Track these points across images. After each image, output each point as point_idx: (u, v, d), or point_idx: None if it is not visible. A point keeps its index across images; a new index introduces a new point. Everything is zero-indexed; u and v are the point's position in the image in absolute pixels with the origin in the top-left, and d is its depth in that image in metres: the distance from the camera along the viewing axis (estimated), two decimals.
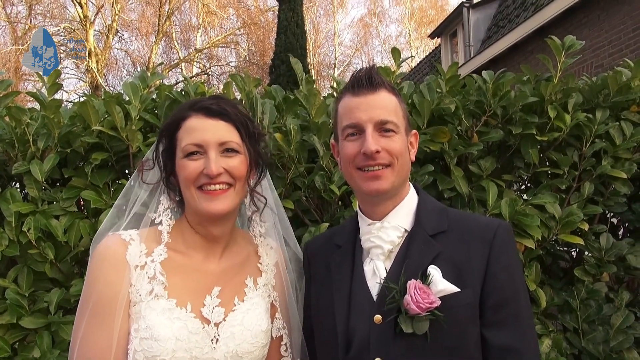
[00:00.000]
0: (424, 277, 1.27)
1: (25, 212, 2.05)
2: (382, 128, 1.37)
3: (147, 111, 2.27)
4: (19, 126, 2.12)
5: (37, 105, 2.25)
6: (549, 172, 2.42)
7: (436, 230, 1.38)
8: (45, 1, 23.63)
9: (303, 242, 2.18)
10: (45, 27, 23.52)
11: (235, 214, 1.55)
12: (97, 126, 2.15)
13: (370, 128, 1.36)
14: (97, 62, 22.66)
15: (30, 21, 24.05)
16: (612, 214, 2.53)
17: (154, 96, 2.37)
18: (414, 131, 1.51)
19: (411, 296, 1.21)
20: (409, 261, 1.33)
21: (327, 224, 2.19)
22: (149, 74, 2.35)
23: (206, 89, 2.36)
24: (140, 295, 1.34)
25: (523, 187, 2.62)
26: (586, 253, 2.36)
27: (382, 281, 1.32)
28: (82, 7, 23.05)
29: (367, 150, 1.33)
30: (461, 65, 11.08)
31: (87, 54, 22.70)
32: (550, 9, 9.08)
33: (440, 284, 1.25)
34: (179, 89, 2.42)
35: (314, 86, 2.37)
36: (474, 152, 2.33)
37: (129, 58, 27.15)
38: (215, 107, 1.43)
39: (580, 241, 2.20)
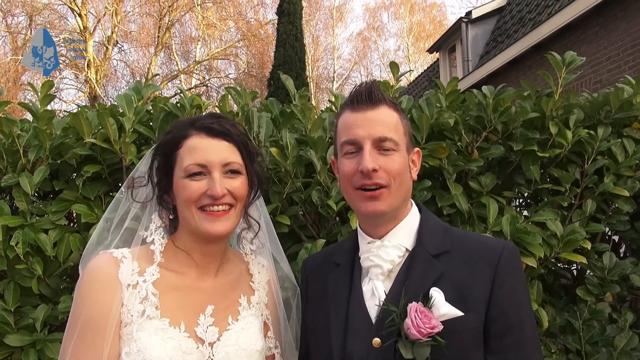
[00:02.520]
0: (426, 300, 1.21)
1: (14, 225, 1.99)
2: (381, 146, 1.31)
3: (141, 123, 2.23)
4: (9, 137, 2.07)
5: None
6: (550, 189, 2.37)
7: (439, 250, 1.32)
8: (45, 12, 23.72)
9: (300, 259, 2.13)
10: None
11: (231, 233, 1.51)
12: (89, 138, 2.11)
13: (369, 145, 1.31)
14: (96, 72, 22.70)
15: (31, 32, 24.10)
16: (613, 232, 2.48)
17: (149, 108, 2.34)
18: (417, 149, 1.45)
19: (412, 320, 1.16)
20: (410, 282, 1.27)
21: (324, 240, 2.14)
22: (143, 85, 2.31)
23: (202, 101, 2.32)
24: (132, 315, 1.29)
25: (523, 204, 2.58)
26: (588, 272, 2.30)
27: (382, 303, 1.26)
28: (81, 18, 23.15)
29: (364, 168, 1.28)
30: (460, 80, 11.10)
31: (86, 65, 22.75)
32: (548, 25, 9.13)
33: (443, 308, 1.19)
34: (176, 101, 2.38)
35: (309, 100, 2.34)
36: (474, 168, 2.29)
37: (128, 69, 27.22)
38: (218, 127, 1.40)
39: (584, 260, 2.14)
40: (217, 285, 1.45)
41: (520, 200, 2.58)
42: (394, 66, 2.45)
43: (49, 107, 2.22)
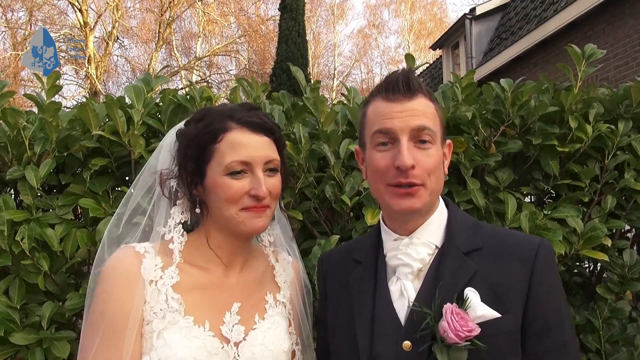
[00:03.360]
0: (460, 301, 1.14)
1: (19, 220, 1.93)
2: (419, 138, 1.22)
3: (150, 116, 2.17)
4: (14, 129, 2.01)
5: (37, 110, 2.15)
6: (569, 184, 2.31)
7: (470, 247, 1.25)
8: (45, 7, 23.61)
9: (313, 255, 2.07)
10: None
11: None
12: (97, 130, 2.05)
13: (406, 138, 1.21)
14: (96, 68, 22.60)
15: (31, 27, 24.00)
16: (631, 228, 2.43)
17: (158, 100, 2.27)
18: (449, 141, 1.36)
19: (449, 323, 1.09)
20: (443, 282, 1.20)
21: (338, 237, 2.08)
22: (153, 77, 2.24)
23: (212, 93, 2.26)
24: (154, 313, 1.23)
25: (541, 200, 2.51)
26: (607, 269, 2.25)
27: (412, 304, 1.20)
28: (82, 14, 23.03)
29: (402, 165, 1.18)
30: (462, 78, 11.04)
31: (86, 61, 22.64)
32: (553, 22, 9.07)
33: (480, 309, 1.12)
34: (185, 93, 2.32)
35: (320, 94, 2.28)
36: (491, 163, 2.23)
37: (128, 65, 27.13)
38: (259, 121, 1.33)
39: (605, 257, 2.09)
40: (243, 281, 1.39)
41: (538, 197, 2.52)
42: (409, 58, 2.38)
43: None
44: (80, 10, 22.91)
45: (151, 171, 1.39)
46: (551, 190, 2.38)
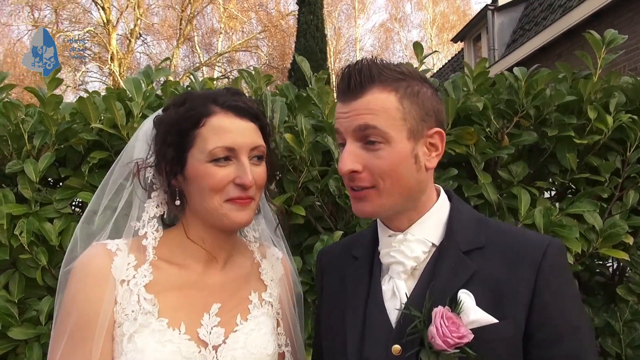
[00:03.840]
0: (454, 304, 1.05)
1: (18, 214, 1.91)
2: (367, 138, 1.11)
3: (150, 108, 2.12)
4: (13, 122, 1.99)
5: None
6: (588, 178, 2.19)
7: (471, 245, 1.14)
8: (70, 6, 24.02)
9: (315, 252, 2.00)
10: (69, 32, 24.08)
11: None
12: (96, 123, 2.01)
13: (350, 140, 1.12)
14: (119, 65, 22.91)
15: (57, 26, 24.49)
16: None
17: (159, 92, 2.23)
18: (435, 129, 1.18)
19: (437, 328, 1.00)
20: (436, 282, 1.11)
21: (342, 232, 2.01)
22: (153, 69, 2.20)
23: (213, 85, 2.20)
24: (126, 315, 1.15)
25: (558, 194, 2.39)
26: (629, 269, 2.12)
27: (402, 305, 1.11)
28: (105, 11, 23.36)
29: (340, 171, 1.11)
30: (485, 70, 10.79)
31: (109, 58, 22.98)
32: (579, 11, 8.76)
33: (473, 314, 1.03)
34: (186, 85, 2.27)
35: (327, 84, 2.20)
36: (504, 156, 2.12)
37: (151, 61, 27.42)
38: (245, 106, 1.24)
39: (626, 256, 1.96)
40: (225, 280, 1.29)
41: (554, 191, 2.39)
42: (417, 47, 2.29)
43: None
44: (103, 8, 23.26)
45: (125, 162, 1.31)
46: (570, 185, 2.26)
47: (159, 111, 1.30)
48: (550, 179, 2.22)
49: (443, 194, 1.25)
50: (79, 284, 1.15)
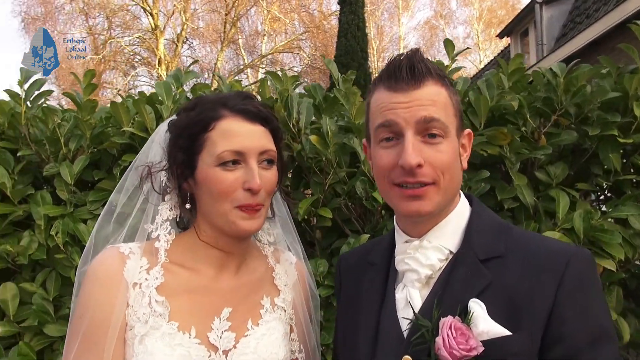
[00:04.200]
0: (464, 314, 0.99)
1: (54, 215, 1.99)
2: (427, 132, 1.07)
3: None
4: (50, 127, 2.08)
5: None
6: (634, 180, 2.05)
7: (490, 254, 1.08)
8: (120, 13, 25.01)
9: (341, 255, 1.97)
10: (120, 38, 25.02)
11: None
12: (128, 127, 2.07)
13: (411, 132, 1.06)
14: (166, 69, 23.64)
15: (110, 33, 25.55)
16: None
17: (189, 95, 2.26)
18: (467, 130, 1.19)
19: (443, 339, 0.94)
20: (449, 291, 1.05)
21: (368, 236, 1.97)
22: (183, 73, 2.24)
23: (241, 87, 2.21)
24: (138, 318, 1.16)
25: (601, 197, 2.25)
26: None
27: (413, 315, 1.06)
28: (153, 17, 24.18)
29: (406, 164, 1.04)
30: (532, 66, 10.38)
31: (157, 62, 23.76)
32: (634, 2, 8.27)
33: (483, 324, 0.96)
34: (214, 88, 2.29)
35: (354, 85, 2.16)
36: (541, 157, 2.02)
37: (197, 68, 28.13)
38: (254, 110, 1.23)
39: None
40: (238, 285, 1.29)
41: (597, 194, 2.26)
42: (448, 44, 2.21)
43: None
44: (152, 14, 24.08)
45: (141, 165, 1.33)
46: (614, 187, 2.12)
47: (174, 115, 1.31)
48: (592, 181, 2.09)
49: (463, 198, 1.19)
50: (92, 286, 1.17)
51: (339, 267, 1.44)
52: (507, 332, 0.97)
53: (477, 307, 0.99)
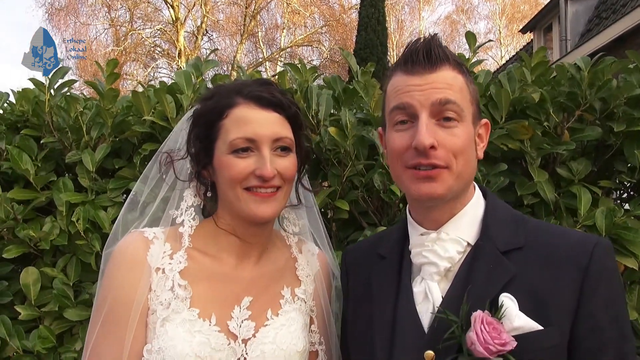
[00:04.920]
0: (494, 308, 0.97)
1: (75, 202, 2.03)
2: (442, 115, 1.07)
3: None
4: (73, 115, 2.11)
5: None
6: None
7: (510, 245, 1.07)
8: (142, 5, 25.24)
9: None
10: (141, 30, 25.32)
11: (277, 216, 1.37)
12: (148, 116, 2.09)
13: (425, 114, 1.06)
14: (186, 61, 23.81)
15: (132, 25, 25.83)
16: None
17: (210, 85, 2.28)
18: (485, 120, 1.18)
19: (477, 334, 0.93)
20: (474, 285, 1.04)
21: (384, 228, 1.96)
22: (202, 62, 2.25)
23: (261, 77, 2.21)
24: (160, 302, 1.18)
25: (625, 195, 2.20)
26: None
27: (437, 309, 1.05)
28: (174, 10, 24.36)
29: (419, 144, 1.04)
30: (555, 61, 10.19)
31: (177, 54, 23.97)
32: None
33: (518, 320, 0.95)
34: (234, 78, 2.30)
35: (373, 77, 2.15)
36: (563, 152, 1.98)
37: (216, 57, 28.24)
38: (268, 96, 1.24)
39: None
40: (259, 274, 1.30)
41: (621, 192, 2.21)
42: (470, 36, 2.18)
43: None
44: (172, 7, 24.26)
45: (163, 152, 1.35)
46: (633, 185, 2.08)
47: (197, 105, 1.33)
48: (615, 179, 2.05)
49: (477, 191, 1.18)
50: (115, 270, 1.20)
51: (345, 260, 1.43)
52: (539, 327, 0.97)
53: (509, 301, 0.98)
